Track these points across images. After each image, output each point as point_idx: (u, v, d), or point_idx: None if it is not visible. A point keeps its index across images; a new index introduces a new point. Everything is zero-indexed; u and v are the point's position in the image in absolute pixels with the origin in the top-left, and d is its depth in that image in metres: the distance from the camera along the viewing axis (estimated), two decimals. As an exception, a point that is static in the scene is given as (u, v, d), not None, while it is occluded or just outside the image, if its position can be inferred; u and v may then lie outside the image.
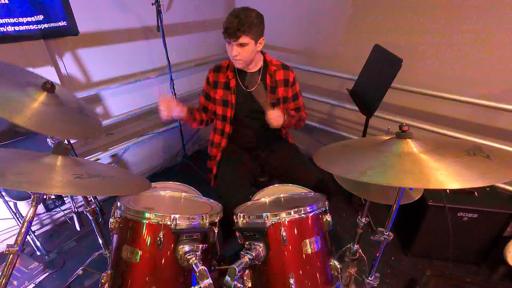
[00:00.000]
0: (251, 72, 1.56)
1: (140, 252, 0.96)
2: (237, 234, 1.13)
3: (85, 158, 2.08)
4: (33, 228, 2.00)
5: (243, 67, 1.51)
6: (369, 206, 1.34)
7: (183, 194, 1.28)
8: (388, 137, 0.98)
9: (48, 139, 1.25)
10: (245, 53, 1.39)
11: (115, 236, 1.04)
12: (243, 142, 1.68)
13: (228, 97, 1.57)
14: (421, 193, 1.25)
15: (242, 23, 1.30)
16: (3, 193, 1.66)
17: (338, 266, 1.08)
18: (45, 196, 0.91)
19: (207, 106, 1.66)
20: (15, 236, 0.86)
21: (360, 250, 1.41)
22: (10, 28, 1.57)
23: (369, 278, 1.15)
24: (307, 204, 1.08)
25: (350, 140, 1.45)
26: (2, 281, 0.82)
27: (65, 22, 1.76)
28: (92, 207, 1.43)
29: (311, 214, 1.07)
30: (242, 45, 1.36)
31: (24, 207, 1.82)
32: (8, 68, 1.09)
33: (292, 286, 0.98)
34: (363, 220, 1.33)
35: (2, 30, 1.54)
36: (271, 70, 1.56)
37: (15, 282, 1.71)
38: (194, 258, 0.94)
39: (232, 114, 1.59)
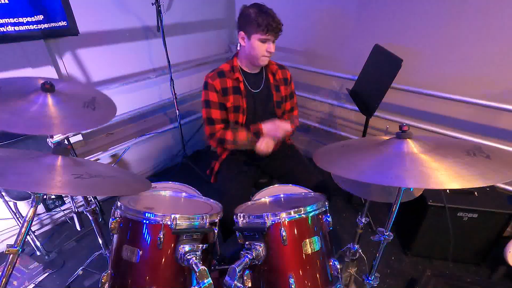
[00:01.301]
0: (255, 73, 1.55)
1: (140, 252, 0.96)
2: (237, 234, 1.13)
3: (85, 158, 2.08)
4: (33, 228, 2.00)
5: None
6: (369, 206, 1.34)
7: (183, 194, 1.28)
8: (388, 137, 0.98)
9: (48, 139, 1.25)
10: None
11: (115, 236, 1.04)
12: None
13: (239, 102, 1.49)
14: (422, 191, 1.25)
15: (278, 19, 1.33)
16: (3, 193, 1.66)
17: (338, 266, 1.08)
18: (45, 196, 0.90)
19: (226, 117, 1.52)
20: (15, 236, 0.86)
21: (360, 250, 1.41)
22: (10, 28, 1.56)
23: (369, 278, 1.15)
24: (307, 204, 1.08)
25: (350, 140, 1.45)
26: (2, 281, 0.82)
27: (65, 22, 1.76)
28: (92, 207, 1.43)
29: (311, 214, 1.06)
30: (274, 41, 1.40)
31: (24, 207, 1.82)
32: (3, 82, 1.09)
33: (292, 286, 0.98)
34: (363, 220, 1.33)
35: (2, 30, 1.54)
36: (272, 69, 1.56)
37: (15, 282, 1.71)
38: (194, 258, 0.94)
39: (244, 120, 1.52)
